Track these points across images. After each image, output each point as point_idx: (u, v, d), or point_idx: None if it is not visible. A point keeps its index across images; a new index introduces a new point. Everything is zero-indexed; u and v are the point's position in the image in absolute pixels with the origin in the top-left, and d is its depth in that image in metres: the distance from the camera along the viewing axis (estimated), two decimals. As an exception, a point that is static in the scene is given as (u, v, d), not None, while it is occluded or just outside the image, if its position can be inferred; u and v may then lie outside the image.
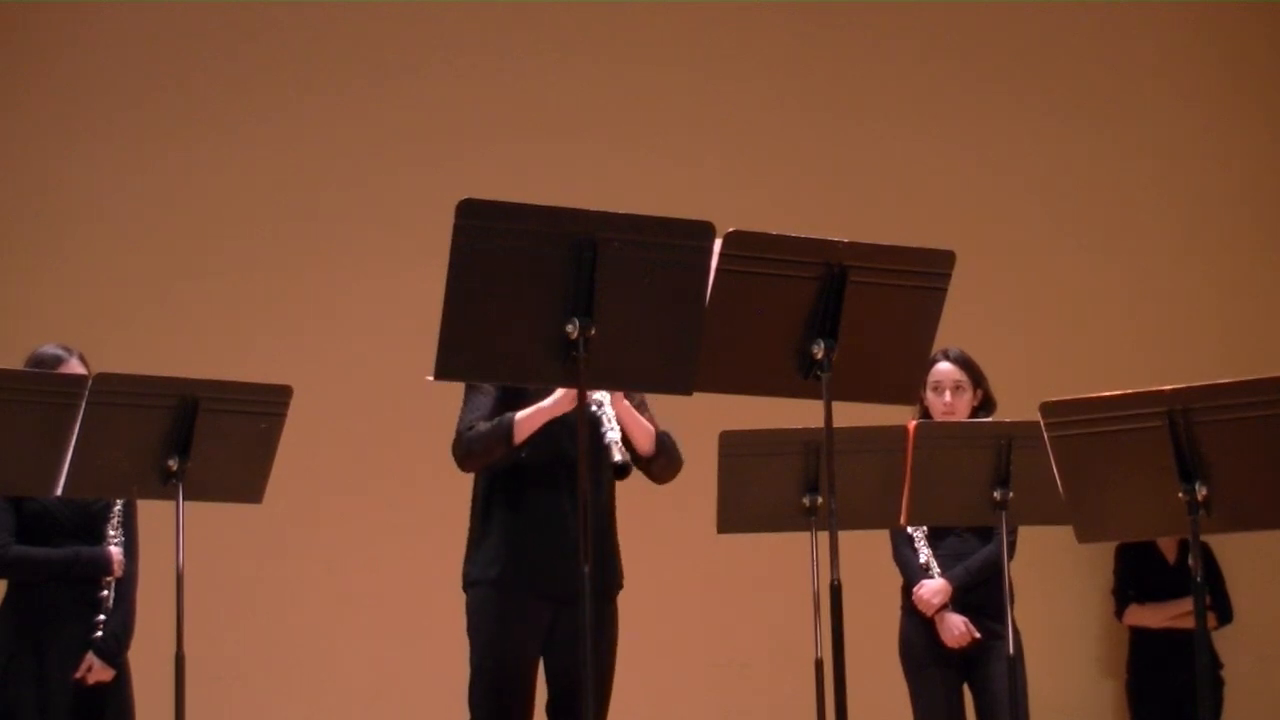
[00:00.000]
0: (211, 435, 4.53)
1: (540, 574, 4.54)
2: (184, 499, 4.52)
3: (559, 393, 4.44)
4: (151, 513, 5.17)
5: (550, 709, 4.63)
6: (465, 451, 4.58)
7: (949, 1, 7.69)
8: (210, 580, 5.61)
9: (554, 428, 4.54)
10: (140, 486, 4.62)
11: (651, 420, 4.68)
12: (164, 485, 4.53)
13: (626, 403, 4.55)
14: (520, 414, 4.51)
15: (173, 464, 4.50)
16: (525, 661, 4.58)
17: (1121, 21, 7.83)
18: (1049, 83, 7.76)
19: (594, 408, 4.38)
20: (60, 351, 5.22)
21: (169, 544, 4.53)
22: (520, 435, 4.51)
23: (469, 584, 4.65)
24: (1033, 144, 7.72)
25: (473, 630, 4.62)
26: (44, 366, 5.12)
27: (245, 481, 4.67)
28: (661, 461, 4.66)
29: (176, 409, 4.50)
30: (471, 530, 4.69)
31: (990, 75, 7.73)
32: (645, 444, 4.61)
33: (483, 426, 4.55)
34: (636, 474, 4.64)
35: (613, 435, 4.38)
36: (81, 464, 4.40)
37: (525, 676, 4.58)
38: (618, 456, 4.34)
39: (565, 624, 4.51)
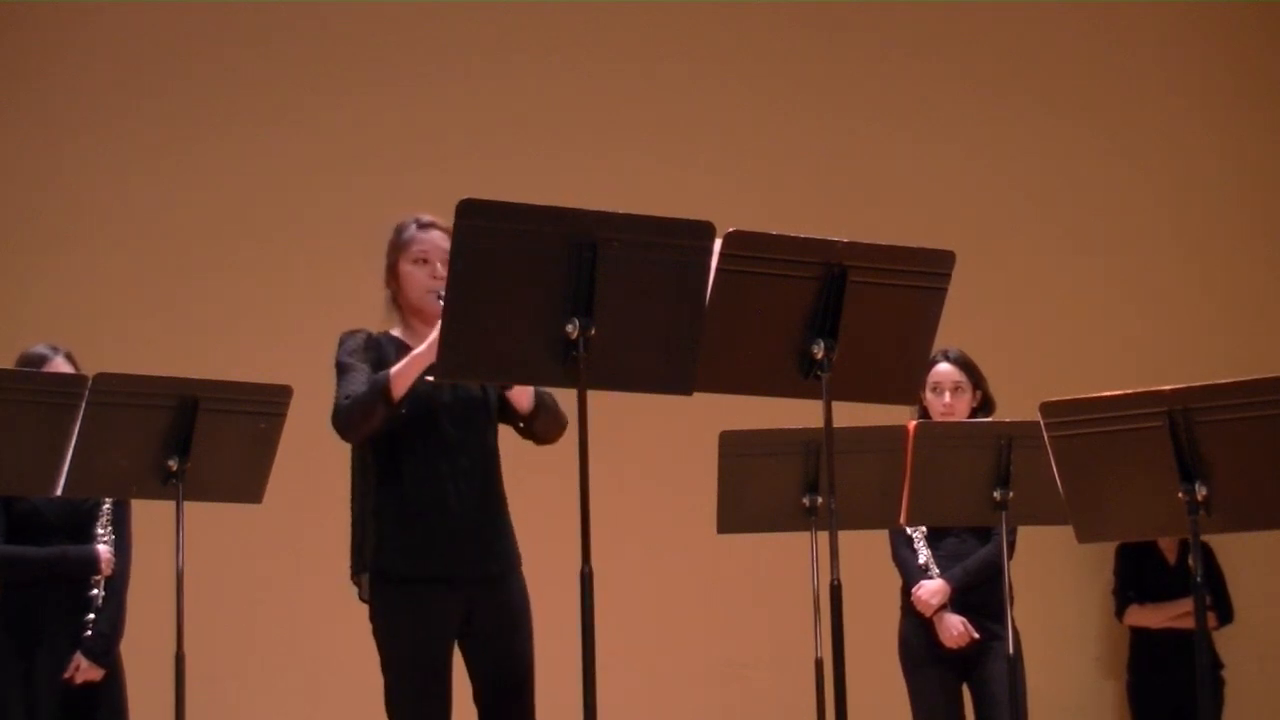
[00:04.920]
0: (211, 435, 4.53)
1: (442, 557, 4.38)
2: (184, 499, 4.52)
3: (432, 337, 4.14)
4: (151, 513, 5.15)
5: (480, 702, 4.47)
6: (346, 420, 4.37)
7: (947, 2, 7.69)
8: (210, 580, 5.60)
9: (426, 401, 4.40)
10: (140, 487, 4.61)
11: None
12: (164, 485, 4.53)
13: None
14: (394, 368, 4.34)
15: (173, 464, 4.50)
16: (445, 656, 4.42)
17: (1121, 21, 7.82)
18: (1048, 83, 7.76)
19: None
20: (46, 350, 5.21)
21: (169, 544, 4.53)
22: (398, 389, 4.31)
23: (371, 573, 4.44)
24: (1032, 144, 7.71)
25: (384, 630, 4.44)
26: (30, 366, 5.11)
27: (245, 481, 4.66)
28: (543, 418, 4.50)
29: (176, 409, 4.50)
30: (353, 517, 4.51)
31: (989, 75, 7.73)
32: (523, 401, 4.46)
33: (358, 390, 4.37)
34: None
35: None
36: (81, 464, 4.40)
37: (448, 670, 4.42)
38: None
39: (483, 610, 4.41)
